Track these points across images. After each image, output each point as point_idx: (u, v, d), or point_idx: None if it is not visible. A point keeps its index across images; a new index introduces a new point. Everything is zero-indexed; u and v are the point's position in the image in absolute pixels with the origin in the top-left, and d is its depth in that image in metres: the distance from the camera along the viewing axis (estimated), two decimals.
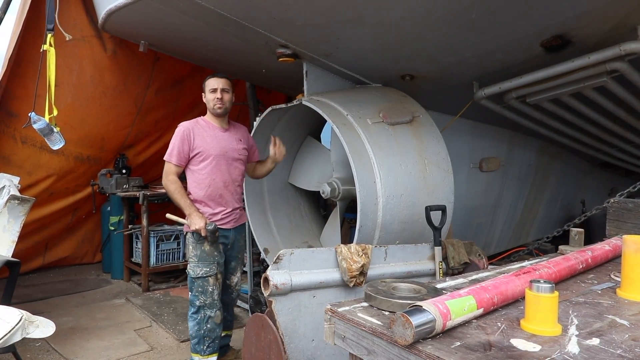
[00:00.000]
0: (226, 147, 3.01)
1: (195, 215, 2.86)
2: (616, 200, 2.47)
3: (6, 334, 2.06)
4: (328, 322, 1.26)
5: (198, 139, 2.95)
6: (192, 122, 3.02)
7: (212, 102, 3.01)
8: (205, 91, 3.05)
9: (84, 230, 5.79)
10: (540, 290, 1.11)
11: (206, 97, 3.05)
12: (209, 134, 3.00)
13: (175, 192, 2.89)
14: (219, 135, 3.03)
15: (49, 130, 3.75)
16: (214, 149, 2.96)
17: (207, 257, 2.93)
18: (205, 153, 2.94)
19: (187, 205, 2.88)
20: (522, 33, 2.93)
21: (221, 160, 2.98)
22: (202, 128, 3.01)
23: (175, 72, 5.38)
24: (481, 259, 3.08)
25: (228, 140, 3.05)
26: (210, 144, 2.97)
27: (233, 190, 3.05)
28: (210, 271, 2.93)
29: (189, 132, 2.94)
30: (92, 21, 4.49)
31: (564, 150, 5.79)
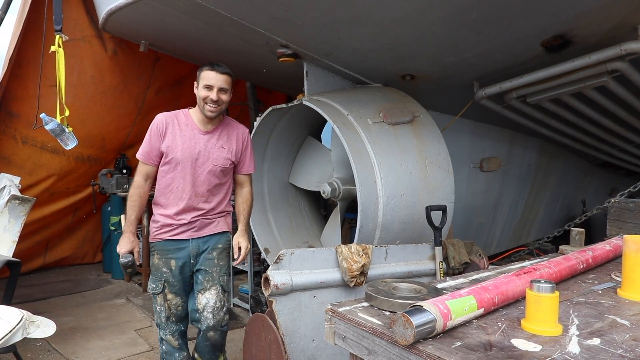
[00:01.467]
0: (198, 154, 2.50)
1: (124, 237, 2.50)
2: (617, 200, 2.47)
3: (7, 334, 2.06)
4: (329, 322, 1.26)
5: (169, 136, 2.49)
6: (170, 115, 2.55)
7: (203, 101, 2.46)
8: (199, 84, 2.49)
9: (84, 230, 5.79)
10: (540, 290, 1.11)
11: (198, 91, 2.49)
12: (184, 133, 2.50)
13: (129, 199, 2.52)
14: (195, 137, 2.51)
15: (61, 130, 3.77)
16: (181, 152, 2.47)
17: (155, 271, 2.56)
18: (170, 155, 2.49)
19: (128, 222, 2.52)
20: (522, 33, 2.93)
21: (187, 168, 2.49)
22: (179, 124, 2.53)
23: (176, 72, 5.38)
24: (482, 259, 3.08)
25: (205, 146, 2.51)
26: (180, 145, 2.48)
27: (197, 201, 2.53)
28: (157, 288, 2.53)
29: (162, 126, 2.50)
30: (93, 21, 4.50)
31: (565, 150, 5.79)
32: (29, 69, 4.43)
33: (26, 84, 4.48)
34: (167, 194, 2.53)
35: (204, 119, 2.55)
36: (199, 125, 2.55)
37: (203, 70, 2.49)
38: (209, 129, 2.57)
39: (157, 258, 2.55)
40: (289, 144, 4.04)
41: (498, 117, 4.20)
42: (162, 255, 2.55)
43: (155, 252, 2.55)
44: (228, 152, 2.58)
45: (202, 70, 2.50)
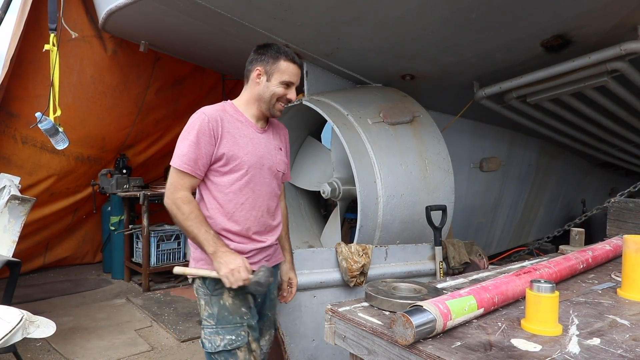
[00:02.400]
0: (263, 157, 1.94)
1: (226, 255, 1.74)
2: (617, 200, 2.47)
3: (7, 334, 2.06)
4: (328, 322, 1.26)
5: (228, 137, 1.85)
6: (218, 109, 1.89)
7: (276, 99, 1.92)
8: (272, 76, 1.90)
9: (84, 230, 5.79)
10: (540, 290, 1.11)
11: (270, 86, 1.90)
12: (243, 132, 1.91)
13: (190, 217, 1.77)
14: (255, 138, 1.94)
15: (55, 130, 3.76)
16: (247, 156, 1.87)
17: (231, 316, 1.81)
18: (236, 160, 1.85)
19: (211, 240, 1.76)
20: (522, 33, 2.93)
21: (257, 175, 1.91)
22: (234, 122, 1.91)
23: (176, 72, 5.38)
24: (482, 259, 3.08)
25: (266, 147, 1.97)
26: (244, 147, 1.88)
27: (268, 218, 1.97)
28: (238, 340, 1.79)
29: (216, 125, 1.83)
30: (92, 21, 4.50)
31: (565, 150, 5.79)
32: (29, 69, 4.43)
33: (26, 84, 4.48)
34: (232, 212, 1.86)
35: (260, 115, 1.98)
36: (253, 121, 1.97)
37: (280, 60, 1.90)
38: (265, 127, 2.01)
39: (228, 296, 1.82)
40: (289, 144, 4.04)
41: (498, 117, 4.20)
42: (236, 290, 1.80)
43: (224, 290, 1.81)
44: (284, 154, 2.09)
45: (279, 60, 1.90)
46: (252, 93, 1.94)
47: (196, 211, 1.79)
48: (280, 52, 1.92)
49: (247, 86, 1.98)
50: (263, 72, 1.91)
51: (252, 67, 1.94)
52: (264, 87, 1.91)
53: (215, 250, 1.74)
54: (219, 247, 1.75)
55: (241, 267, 1.71)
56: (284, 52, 1.92)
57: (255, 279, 1.71)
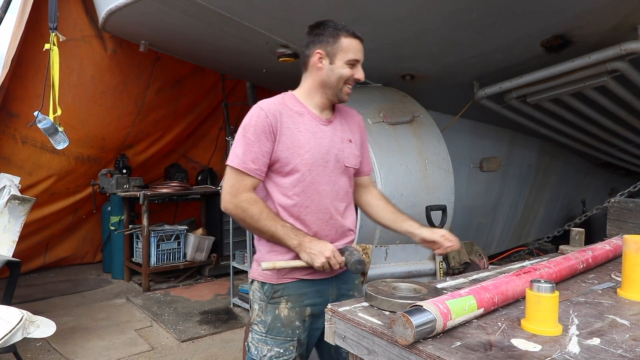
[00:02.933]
0: (329, 151, 1.74)
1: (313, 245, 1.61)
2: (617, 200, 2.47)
3: (7, 334, 2.06)
4: (328, 322, 1.26)
5: (287, 133, 1.68)
6: (277, 102, 1.72)
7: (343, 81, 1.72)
8: (335, 57, 1.70)
9: (84, 230, 5.79)
10: (540, 290, 1.11)
11: (335, 69, 1.71)
12: (304, 126, 1.71)
13: (262, 217, 1.63)
14: (319, 131, 1.73)
15: (54, 129, 3.76)
16: (310, 153, 1.69)
17: (283, 328, 1.69)
18: (297, 159, 1.68)
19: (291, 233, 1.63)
20: (522, 33, 2.93)
21: (320, 174, 1.71)
22: (294, 115, 1.72)
23: (176, 72, 5.38)
24: (482, 259, 3.08)
25: (331, 140, 1.76)
26: (306, 144, 1.69)
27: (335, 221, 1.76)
28: (286, 353, 1.68)
29: (275, 120, 1.66)
30: (92, 21, 4.50)
31: (565, 150, 5.79)
32: (29, 69, 4.44)
33: (26, 84, 4.48)
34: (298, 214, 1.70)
35: (325, 104, 1.78)
36: (316, 112, 1.77)
37: (341, 37, 1.70)
38: (330, 117, 1.80)
39: (285, 307, 1.70)
40: None
41: (498, 117, 4.20)
42: (295, 302, 1.70)
43: (282, 299, 1.70)
44: (355, 146, 1.84)
45: (339, 37, 1.70)
46: (315, 80, 1.74)
47: (266, 210, 1.65)
48: (339, 28, 1.71)
49: (306, 74, 1.78)
50: (324, 54, 1.71)
51: (311, 51, 1.73)
52: (328, 70, 1.71)
53: (299, 242, 1.62)
54: (301, 238, 1.62)
55: (334, 251, 1.61)
56: (343, 27, 1.72)
57: (354, 259, 1.61)
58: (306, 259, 1.61)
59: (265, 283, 1.72)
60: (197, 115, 6.09)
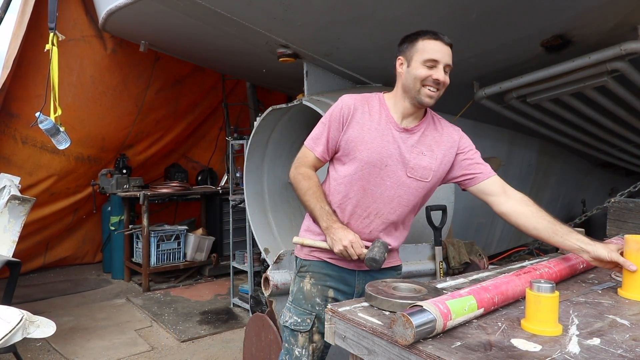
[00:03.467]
0: (390, 155, 1.75)
1: (338, 232, 1.70)
2: (617, 200, 2.47)
3: (7, 334, 2.06)
4: (328, 322, 1.26)
5: (355, 127, 1.77)
6: (360, 99, 1.81)
7: (421, 83, 1.72)
8: (413, 59, 1.72)
9: (84, 230, 5.79)
10: (540, 290, 1.11)
11: (412, 70, 1.72)
12: (375, 125, 1.77)
13: (308, 193, 1.80)
14: (389, 135, 1.77)
15: (56, 130, 3.76)
16: (370, 151, 1.74)
17: (304, 300, 1.82)
18: (354, 153, 1.76)
19: (325, 216, 1.75)
20: (522, 33, 2.93)
21: (373, 174, 1.76)
22: (371, 112, 1.79)
23: (176, 71, 5.38)
24: (482, 259, 3.08)
25: (399, 147, 1.76)
26: (368, 141, 1.75)
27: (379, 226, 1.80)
28: (302, 324, 1.80)
29: (349, 111, 1.78)
30: (92, 21, 4.50)
31: (565, 150, 5.79)
32: (29, 70, 4.44)
33: (26, 84, 4.48)
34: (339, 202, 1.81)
35: (408, 110, 1.80)
36: (396, 117, 1.80)
37: (420, 39, 1.72)
38: (410, 126, 1.81)
39: (308, 282, 1.83)
40: (288, 144, 4.04)
41: (498, 117, 4.20)
42: (317, 280, 1.82)
43: (307, 274, 1.84)
44: (431, 160, 1.81)
45: (417, 41, 1.72)
46: (399, 86, 1.80)
47: (314, 187, 1.81)
48: (419, 33, 1.73)
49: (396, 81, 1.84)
50: (404, 59, 1.77)
51: (396, 61, 1.81)
52: (406, 74, 1.75)
53: (328, 226, 1.74)
54: (331, 224, 1.74)
55: (354, 242, 1.68)
56: (424, 32, 1.73)
57: (370, 255, 1.65)
58: (329, 242, 1.74)
59: (297, 257, 1.93)
60: (197, 115, 6.09)
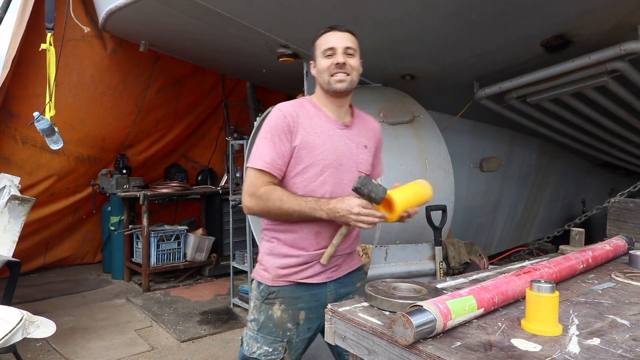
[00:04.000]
0: (343, 155, 1.78)
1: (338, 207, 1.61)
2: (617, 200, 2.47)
3: (7, 334, 2.06)
4: (329, 322, 1.26)
5: (303, 133, 1.72)
6: (296, 104, 1.78)
7: (329, 70, 1.74)
8: (317, 56, 1.80)
9: (84, 230, 5.79)
10: (540, 290, 1.11)
11: (317, 65, 1.80)
12: (320, 128, 1.76)
13: (284, 201, 1.65)
14: (335, 134, 1.78)
15: (51, 130, 3.76)
16: (325, 154, 1.73)
17: (275, 328, 1.73)
18: (306, 160, 1.72)
19: (314, 205, 1.64)
20: (522, 33, 2.93)
21: (333, 175, 1.75)
22: (311, 117, 1.77)
23: (176, 71, 5.38)
24: (482, 259, 3.08)
25: (346, 144, 1.79)
26: (320, 144, 1.73)
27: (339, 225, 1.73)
28: (274, 353, 1.73)
29: (293, 120, 1.71)
30: (93, 21, 4.50)
31: (565, 150, 5.79)
32: (29, 69, 4.44)
33: (26, 84, 4.48)
34: None
35: (336, 104, 1.81)
36: (333, 116, 1.80)
37: (318, 38, 1.82)
38: (347, 122, 1.84)
39: (278, 309, 1.73)
40: None
41: (498, 117, 4.20)
42: (288, 305, 1.73)
43: (276, 301, 1.74)
44: (369, 153, 1.88)
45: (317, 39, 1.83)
46: (318, 87, 1.83)
47: (286, 192, 1.67)
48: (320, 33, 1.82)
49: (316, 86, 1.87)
50: (313, 62, 1.84)
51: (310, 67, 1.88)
52: (317, 72, 1.80)
53: (327, 212, 1.63)
54: (326, 207, 1.62)
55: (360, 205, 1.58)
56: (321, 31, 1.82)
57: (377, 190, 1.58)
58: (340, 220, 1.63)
59: (261, 283, 1.77)
60: (197, 115, 6.09)
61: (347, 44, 1.77)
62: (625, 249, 1.93)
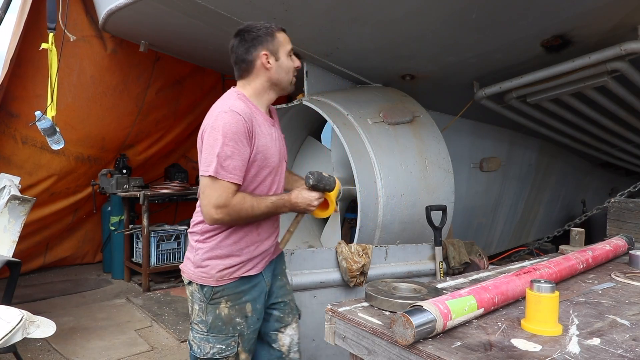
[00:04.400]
0: (280, 151, 1.88)
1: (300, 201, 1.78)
2: (617, 200, 2.47)
3: (7, 334, 2.06)
4: (329, 322, 1.26)
5: (260, 137, 1.76)
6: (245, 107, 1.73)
7: (293, 72, 1.83)
8: (278, 52, 1.80)
9: (84, 230, 5.79)
10: (540, 290, 1.11)
11: (282, 63, 1.80)
12: (266, 129, 1.81)
13: (256, 208, 1.71)
14: (273, 133, 1.85)
15: (53, 130, 3.76)
16: (272, 154, 1.81)
17: (224, 326, 1.78)
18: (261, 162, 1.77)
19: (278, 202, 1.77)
20: (522, 33, 2.93)
21: (279, 172, 1.88)
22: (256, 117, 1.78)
23: (176, 71, 5.38)
24: (482, 259, 3.08)
25: (277, 139, 1.88)
26: (270, 145, 1.80)
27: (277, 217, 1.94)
28: (228, 349, 1.77)
29: (250, 124, 1.71)
30: (93, 21, 4.50)
31: (565, 150, 5.79)
32: (29, 69, 4.43)
33: (26, 84, 4.47)
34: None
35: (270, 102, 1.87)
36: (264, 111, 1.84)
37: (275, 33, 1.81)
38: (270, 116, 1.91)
39: (225, 307, 1.77)
40: (288, 144, 4.03)
41: (498, 117, 4.20)
42: (234, 300, 1.78)
43: (221, 300, 1.77)
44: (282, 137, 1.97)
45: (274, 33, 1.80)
46: (264, 80, 1.80)
47: (254, 198, 1.72)
48: (269, 26, 1.82)
49: (251, 77, 1.82)
50: (269, 53, 1.78)
51: (255, 54, 1.78)
52: (277, 67, 1.79)
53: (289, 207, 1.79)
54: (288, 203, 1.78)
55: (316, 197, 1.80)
56: (270, 25, 1.83)
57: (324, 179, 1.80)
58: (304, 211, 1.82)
59: (204, 286, 1.78)
60: (198, 115, 6.09)
61: None
62: (625, 249, 1.94)
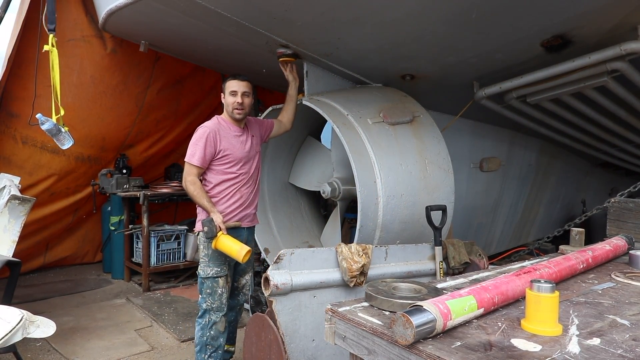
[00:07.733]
0: (247, 148, 2.99)
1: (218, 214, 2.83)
2: (617, 200, 2.47)
3: (7, 334, 2.06)
4: (329, 322, 1.26)
5: (224, 141, 2.89)
6: (215, 124, 2.93)
7: (232, 105, 2.91)
8: (225, 93, 2.96)
9: (84, 230, 5.79)
10: (540, 290, 1.11)
11: (225, 99, 2.96)
12: (233, 135, 2.94)
13: (195, 194, 2.84)
14: (239, 137, 2.97)
15: (57, 130, 3.76)
16: (240, 152, 2.94)
17: (219, 257, 2.87)
18: (232, 156, 2.91)
19: (208, 206, 2.83)
20: (522, 33, 2.93)
21: (247, 162, 2.97)
22: (225, 130, 2.93)
23: (176, 71, 5.37)
24: (482, 259, 3.08)
25: (246, 141, 3.00)
26: (237, 147, 2.94)
27: (254, 189, 3.06)
28: (221, 272, 2.89)
29: (215, 135, 2.87)
30: (93, 21, 4.49)
31: (565, 150, 5.79)
32: (29, 69, 4.43)
33: (26, 84, 4.47)
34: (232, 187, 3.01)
35: (238, 122, 3.02)
36: (237, 126, 3.02)
37: (226, 81, 2.98)
38: (243, 127, 3.08)
39: None
40: (289, 144, 4.05)
41: (498, 117, 4.20)
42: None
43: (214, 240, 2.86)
44: (257, 135, 3.17)
45: (226, 81, 2.98)
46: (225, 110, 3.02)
47: (199, 189, 2.85)
48: (227, 78, 3.00)
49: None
50: (222, 94, 3.02)
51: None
52: (224, 101, 3.00)
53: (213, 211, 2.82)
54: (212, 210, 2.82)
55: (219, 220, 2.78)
56: (232, 76, 2.98)
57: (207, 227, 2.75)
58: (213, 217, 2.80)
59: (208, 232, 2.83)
60: (198, 115, 6.08)
61: (245, 90, 2.95)
62: (625, 249, 1.94)
